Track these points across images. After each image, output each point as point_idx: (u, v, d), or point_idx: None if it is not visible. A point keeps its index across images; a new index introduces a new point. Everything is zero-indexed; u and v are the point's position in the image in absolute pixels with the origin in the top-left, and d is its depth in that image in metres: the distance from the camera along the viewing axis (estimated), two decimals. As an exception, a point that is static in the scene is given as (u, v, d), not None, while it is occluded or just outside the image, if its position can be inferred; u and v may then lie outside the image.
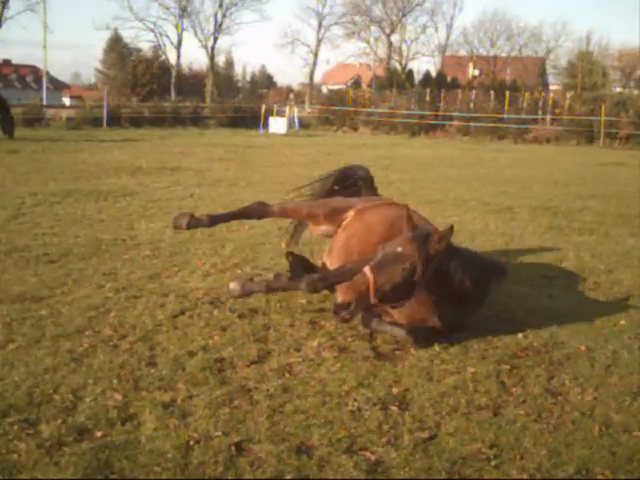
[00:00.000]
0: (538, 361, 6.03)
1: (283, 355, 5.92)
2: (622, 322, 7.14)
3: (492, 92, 51.88)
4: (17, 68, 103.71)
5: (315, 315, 6.91)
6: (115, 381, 5.29)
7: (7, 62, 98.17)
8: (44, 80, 62.22)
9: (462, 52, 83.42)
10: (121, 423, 4.62)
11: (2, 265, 8.47)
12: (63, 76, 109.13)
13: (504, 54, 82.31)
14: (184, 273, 8.38)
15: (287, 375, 5.51)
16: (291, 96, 54.01)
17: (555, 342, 6.49)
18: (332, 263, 6.81)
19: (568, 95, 48.97)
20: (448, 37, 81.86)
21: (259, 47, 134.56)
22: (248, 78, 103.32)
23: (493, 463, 4.31)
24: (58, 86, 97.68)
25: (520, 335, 6.62)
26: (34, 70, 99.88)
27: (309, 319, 6.80)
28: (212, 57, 75.47)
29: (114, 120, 40.55)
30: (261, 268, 8.58)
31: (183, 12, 71.94)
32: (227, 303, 7.19)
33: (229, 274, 8.29)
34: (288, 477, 4.08)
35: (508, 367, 5.85)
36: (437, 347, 6.18)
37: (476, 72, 79.04)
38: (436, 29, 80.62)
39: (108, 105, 41.41)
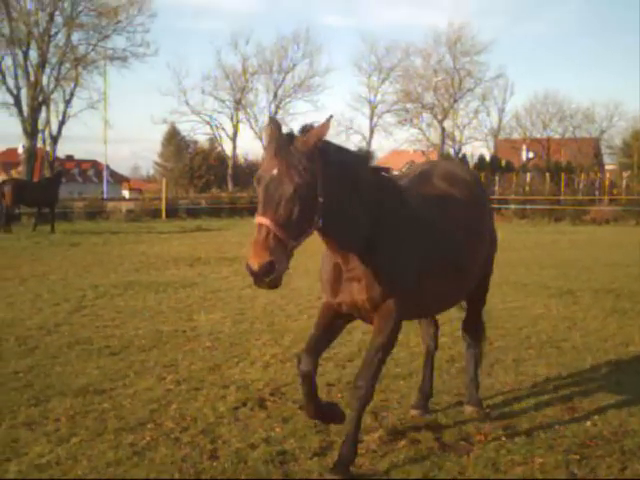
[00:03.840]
0: (609, 450, 5.83)
1: (346, 447, 5.82)
2: (694, 408, 6.91)
3: (547, 174, 51.74)
4: (79, 163, 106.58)
5: (377, 405, 6.82)
6: (177, 475, 5.27)
7: (70, 157, 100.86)
8: (105, 174, 63.79)
9: (515, 135, 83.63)
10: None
11: (65, 358, 8.58)
12: (123, 169, 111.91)
13: (557, 136, 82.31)
14: (244, 364, 8.38)
15: (350, 468, 5.41)
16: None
17: (626, 430, 6.29)
18: None
19: (625, 175, 48.61)
20: (500, 121, 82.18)
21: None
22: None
23: None
24: (118, 179, 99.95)
25: (588, 423, 6.44)
26: (95, 164, 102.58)
27: (371, 409, 6.71)
28: (267, 147, 76.60)
29: (172, 211, 41.29)
30: (321, 358, 8.51)
31: (238, 105, 73.46)
32: (288, 394, 7.15)
33: (289, 365, 8.26)
34: None
35: (577, 457, 5.67)
36: (503, 437, 6.04)
37: (530, 155, 78.99)
38: (488, 113, 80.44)
39: (166, 197, 42.25)
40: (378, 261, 5.32)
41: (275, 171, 4.71)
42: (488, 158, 71.98)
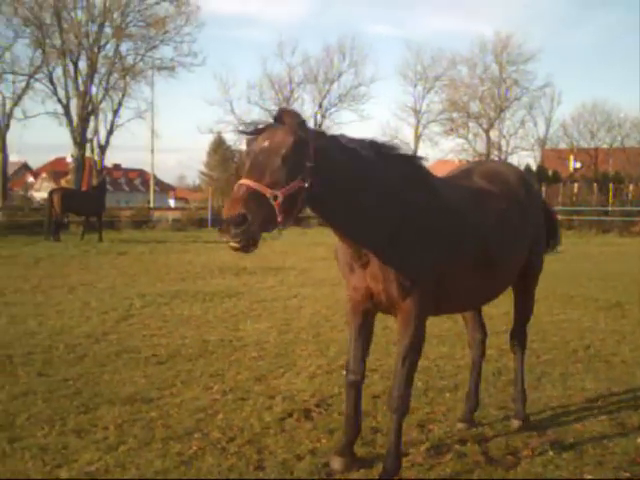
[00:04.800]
0: (660, 468, 5.75)
1: (392, 460, 5.81)
2: None
3: (595, 184, 51.13)
4: (126, 172, 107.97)
5: (423, 418, 6.80)
6: (224, 485, 5.30)
7: (117, 166, 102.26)
8: (151, 183, 64.39)
9: (562, 145, 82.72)
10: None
11: (113, 366, 8.68)
12: (169, 179, 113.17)
13: (605, 145, 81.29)
14: (290, 375, 8.40)
15: (396, 480, 5.41)
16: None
17: (677, 448, 6.20)
18: None
19: (675, 186, 47.89)
20: (547, 130, 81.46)
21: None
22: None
23: None
24: (164, 188, 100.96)
25: (639, 440, 6.35)
26: (141, 173, 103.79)
27: (417, 422, 6.70)
28: (312, 157, 76.73)
29: (218, 221, 41.47)
30: (367, 370, 8.50)
31: (284, 114, 73.71)
32: (334, 405, 7.16)
33: (335, 375, 8.27)
34: None
35: (628, 475, 5.59)
36: (551, 452, 5.99)
37: (577, 165, 78.14)
38: (535, 123, 79.65)
39: (212, 206, 42.55)
40: (397, 253, 5.23)
41: (266, 143, 4.77)
42: (535, 168, 71.41)
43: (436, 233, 5.41)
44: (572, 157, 79.29)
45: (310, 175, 4.79)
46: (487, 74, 77.05)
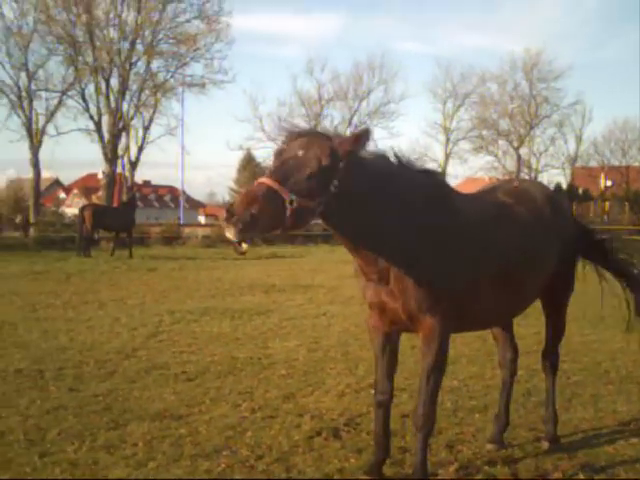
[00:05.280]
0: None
1: None
2: None
3: (626, 203, 50.76)
4: (156, 188, 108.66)
5: (452, 439, 6.76)
6: (253, 504, 5.30)
7: (147, 183, 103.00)
8: (181, 200, 64.74)
9: (593, 163, 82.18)
10: None
11: (143, 382, 8.72)
12: (198, 195, 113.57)
13: (637, 164, 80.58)
14: (319, 393, 8.40)
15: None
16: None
17: None
18: None
19: None
20: (578, 148, 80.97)
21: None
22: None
23: None
24: (194, 205, 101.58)
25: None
26: (171, 190, 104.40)
27: (446, 442, 6.66)
28: (342, 174, 76.67)
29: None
30: (395, 389, 8.46)
31: (313, 132, 73.92)
32: (363, 424, 7.15)
33: (364, 394, 8.26)
34: None
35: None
36: (581, 475, 5.93)
37: (608, 183, 77.63)
38: (565, 141, 79.26)
39: (242, 223, 42.60)
40: (415, 270, 5.22)
41: (300, 152, 4.77)
42: (565, 186, 71.03)
43: (456, 251, 5.39)
44: (603, 175, 78.79)
45: (331, 197, 4.81)
46: (517, 91, 77.03)
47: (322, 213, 4.88)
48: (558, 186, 70.57)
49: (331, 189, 4.79)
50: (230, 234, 4.58)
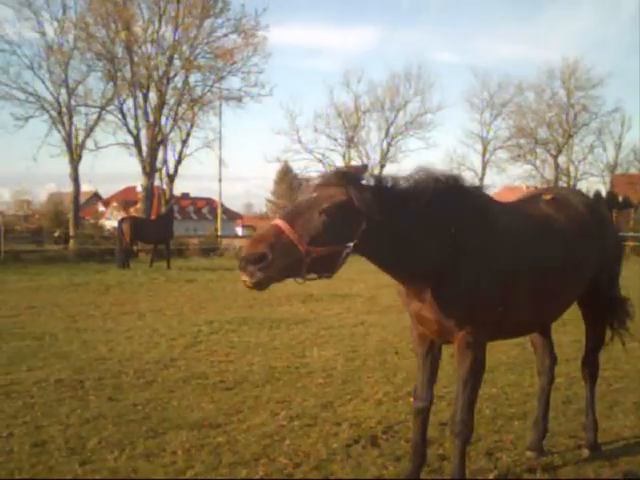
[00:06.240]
0: None
1: (459, 488, 5.75)
2: None
3: (667, 210, 50.11)
4: (194, 201, 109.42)
5: (491, 446, 6.71)
6: (291, 511, 5.30)
7: (185, 195, 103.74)
8: (219, 211, 65.00)
9: (633, 170, 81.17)
10: None
11: (181, 392, 8.77)
12: (236, 207, 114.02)
13: (678, 170, 79.57)
14: (357, 401, 8.38)
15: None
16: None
17: None
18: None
19: None
20: (617, 156, 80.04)
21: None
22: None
23: None
24: (232, 217, 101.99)
25: None
26: (209, 202, 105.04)
27: (485, 450, 6.61)
28: (379, 185, 76.46)
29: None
30: (434, 397, 8.44)
31: (350, 142, 73.99)
32: (401, 432, 7.12)
33: (402, 403, 8.23)
34: None
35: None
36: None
37: (649, 190, 76.70)
38: (604, 148, 78.29)
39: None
40: (450, 285, 5.18)
41: (315, 194, 4.73)
42: (604, 194, 70.27)
43: (492, 265, 5.31)
44: (643, 183, 77.76)
45: (360, 236, 4.73)
46: (555, 100, 76.26)
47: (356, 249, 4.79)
48: (598, 194, 69.92)
49: (356, 228, 4.70)
50: (243, 278, 4.57)
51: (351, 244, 4.70)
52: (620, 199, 66.79)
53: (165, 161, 54.92)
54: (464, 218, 5.29)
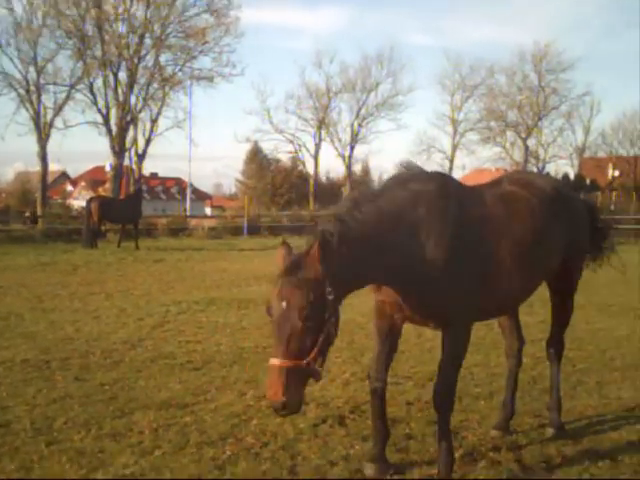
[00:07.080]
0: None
1: (425, 466, 5.80)
2: None
3: (634, 193, 50.61)
4: (163, 180, 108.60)
5: (457, 425, 6.76)
6: (258, 490, 5.32)
7: (154, 175, 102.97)
8: (188, 191, 64.68)
9: (601, 153, 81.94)
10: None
11: (148, 372, 8.75)
12: (205, 187, 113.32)
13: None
14: (324, 382, 8.36)
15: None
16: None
17: None
18: None
19: None
20: (586, 139, 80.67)
21: (395, 154, 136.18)
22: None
23: None
24: (200, 196, 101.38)
25: (676, 449, 6.27)
26: (178, 182, 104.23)
27: (451, 429, 6.66)
28: (349, 165, 76.76)
29: (254, 229, 41.62)
30: (401, 377, 8.51)
31: (321, 123, 73.90)
32: (367, 412, 7.15)
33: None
34: None
35: (664, 483, 5.54)
36: (586, 461, 5.94)
37: (616, 173, 77.35)
38: (573, 132, 78.86)
39: (248, 214, 42.69)
40: (427, 273, 5.17)
41: (284, 304, 4.77)
42: (572, 176, 70.83)
43: (468, 255, 5.33)
44: (611, 165, 78.48)
45: (331, 304, 4.93)
46: (526, 83, 76.74)
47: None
48: (565, 176, 70.49)
49: (328, 297, 4.91)
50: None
51: (333, 319, 4.95)
52: (587, 182, 67.33)
53: (135, 140, 54.58)
54: (428, 209, 5.26)
